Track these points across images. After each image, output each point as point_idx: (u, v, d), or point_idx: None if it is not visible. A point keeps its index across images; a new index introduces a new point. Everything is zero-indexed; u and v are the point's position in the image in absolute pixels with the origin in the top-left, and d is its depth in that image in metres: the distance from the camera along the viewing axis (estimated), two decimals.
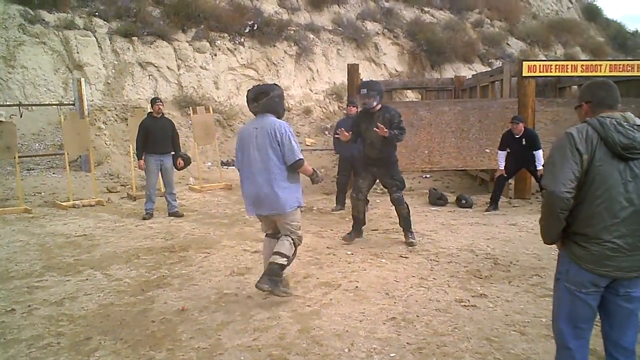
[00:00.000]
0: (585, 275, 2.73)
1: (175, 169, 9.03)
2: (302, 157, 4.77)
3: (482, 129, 10.48)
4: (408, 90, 17.25)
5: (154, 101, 9.04)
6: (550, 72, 10.45)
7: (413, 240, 6.83)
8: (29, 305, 4.93)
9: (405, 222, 6.92)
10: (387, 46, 19.46)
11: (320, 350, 3.86)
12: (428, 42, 19.35)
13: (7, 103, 12.00)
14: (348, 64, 12.09)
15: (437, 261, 6.10)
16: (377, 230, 7.70)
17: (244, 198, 4.99)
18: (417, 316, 4.47)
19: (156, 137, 8.75)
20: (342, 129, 6.86)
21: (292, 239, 4.85)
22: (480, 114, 10.52)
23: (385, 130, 6.40)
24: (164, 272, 5.87)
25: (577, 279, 2.76)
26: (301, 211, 5.12)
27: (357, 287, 5.22)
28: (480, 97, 11.93)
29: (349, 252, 6.48)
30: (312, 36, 17.96)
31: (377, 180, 7.18)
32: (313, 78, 17.60)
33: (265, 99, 4.76)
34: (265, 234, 5.16)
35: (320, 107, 16.83)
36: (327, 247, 6.75)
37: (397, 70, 19.23)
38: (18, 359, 3.86)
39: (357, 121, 6.97)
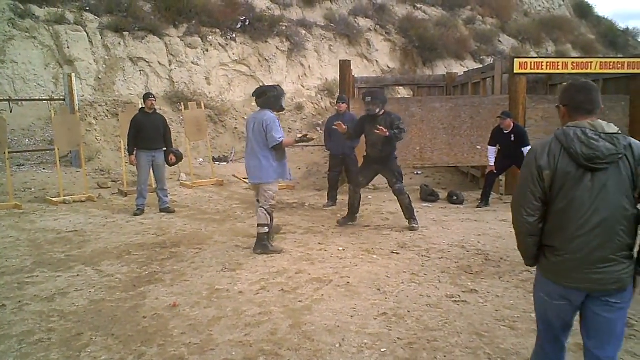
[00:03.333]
0: (551, 286, 2.66)
1: (167, 165, 9.00)
2: (279, 140, 6.11)
3: (474, 125, 10.52)
4: (400, 87, 17.29)
5: (146, 96, 8.99)
6: (542, 69, 10.49)
7: (415, 226, 7.38)
8: (20, 301, 4.92)
9: (407, 211, 7.46)
10: (379, 42, 19.48)
11: (311, 346, 3.87)
12: (420, 39, 19.40)
13: None
14: (340, 60, 12.09)
15: (428, 257, 6.13)
16: (368, 226, 7.72)
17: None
18: (408, 311, 4.50)
19: (148, 133, 8.71)
20: (340, 122, 7.45)
21: (266, 209, 6.28)
22: (472, 110, 10.56)
23: (385, 130, 6.94)
24: (156, 268, 5.86)
25: (546, 288, 2.70)
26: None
27: (348, 282, 5.23)
28: (472, 94, 11.95)
29: (340, 248, 6.49)
30: (304, 32, 17.94)
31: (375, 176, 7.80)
32: (305, 74, 17.59)
33: (263, 99, 6.30)
34: (256, 199, 6.50)
35: (312, 103, 16.84)
36: (319, 243, 6.75)
37: (389, 67, 19.25)
38: (9, 355, 3.84)
39: (362, 123, 7.54)
